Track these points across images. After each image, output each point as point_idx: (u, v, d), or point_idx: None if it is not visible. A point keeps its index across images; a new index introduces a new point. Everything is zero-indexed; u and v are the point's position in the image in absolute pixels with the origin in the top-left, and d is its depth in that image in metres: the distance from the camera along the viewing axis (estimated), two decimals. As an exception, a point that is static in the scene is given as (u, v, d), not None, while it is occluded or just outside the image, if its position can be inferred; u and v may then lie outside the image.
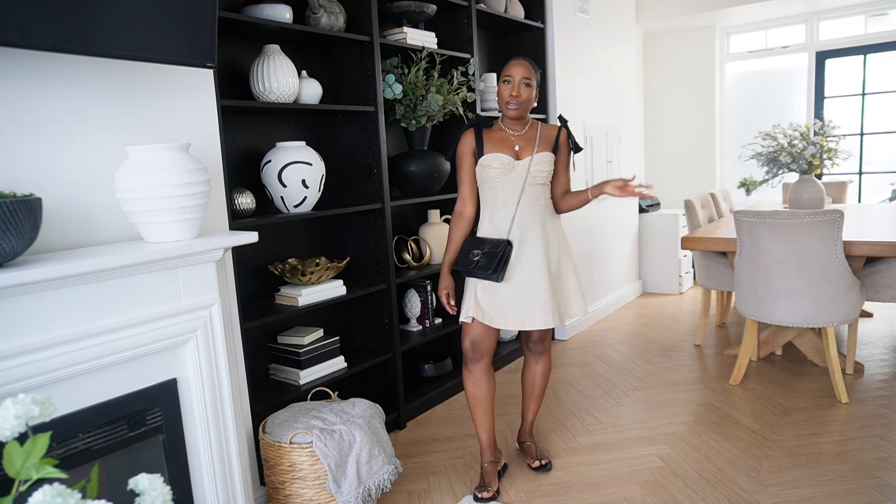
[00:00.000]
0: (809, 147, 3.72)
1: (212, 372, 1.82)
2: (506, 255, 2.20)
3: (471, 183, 2.35)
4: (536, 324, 2.27)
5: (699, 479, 2.42)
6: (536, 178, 2.29)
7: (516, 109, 2.25)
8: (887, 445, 2.59)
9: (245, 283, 2.57)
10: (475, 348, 2.35)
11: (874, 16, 5.31)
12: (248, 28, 2.40)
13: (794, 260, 2.96)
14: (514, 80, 2.22)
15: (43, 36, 1.46)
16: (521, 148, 2.30)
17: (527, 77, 2.23)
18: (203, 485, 1.83)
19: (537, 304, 2.26)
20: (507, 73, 2.24)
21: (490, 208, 2.33)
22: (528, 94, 2.25)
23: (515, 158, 2.28)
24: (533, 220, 2.29)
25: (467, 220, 2.37)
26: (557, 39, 4.13)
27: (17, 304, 1.39)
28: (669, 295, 5.49)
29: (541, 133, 2.34)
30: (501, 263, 2.20)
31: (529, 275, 2.26)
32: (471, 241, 2.32)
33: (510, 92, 2.23)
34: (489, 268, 2.20)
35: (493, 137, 2.30)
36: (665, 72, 6.01)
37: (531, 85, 2.25)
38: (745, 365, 3.37)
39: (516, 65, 2.25)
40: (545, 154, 2.30)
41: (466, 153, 2.32)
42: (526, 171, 2.26)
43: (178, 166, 1.64)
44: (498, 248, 2.20)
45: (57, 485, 0.74)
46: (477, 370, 2.38)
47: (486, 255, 2.21)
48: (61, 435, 1.50)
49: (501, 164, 2.25)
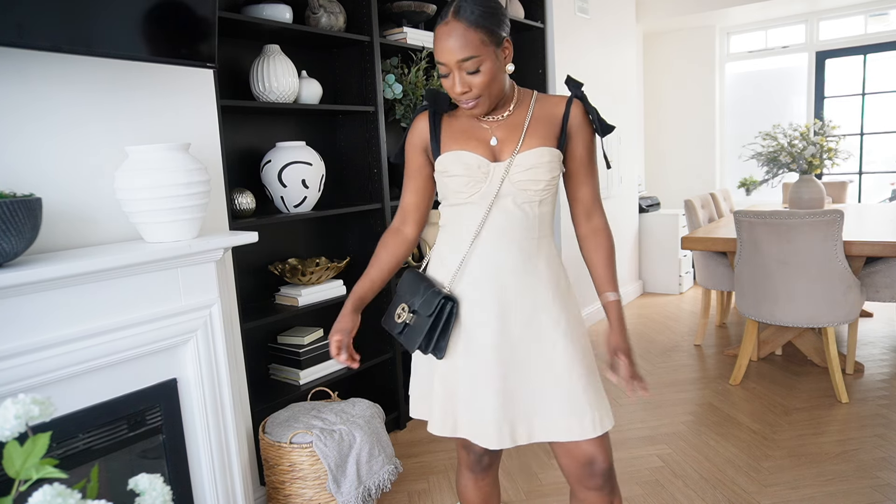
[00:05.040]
0: (809, 147, 3.72)
1: (212, 372, 1.82)
2: (443, 321, 1.36)
3: (417, 191, 1.50)
4: (479, 437, 1.39)
5: (699, 479, 2.42)
6: (524, 193, 1.37)
7: (475, 107, 1.34)
8: (887, 445, 2.59)
9: (245, 283, 2.57)
10: (469, 447, 1.58)
11: (874, 16, 5.30)
12: (248, 28, 2.40)
13: (794, 260, 2.96)
14: (451, 67, 1.29)
15: (43, 36, 1.47)
16: (502, 140, 1.38)
17: (467, 56, 1.26)
18: (203, 485, 1.83)
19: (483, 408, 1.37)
20: (437, 54, 1.30)
21: (449, 236, 1.46)
22: (482, 80, 1.29)
23: (491, 159, 1.38)
24: (507, 265, 1.37)
25: (405, 243, 1.51)
26: (557, 39, 4.13)
27: (17, 304, 1.39)
28: (669, 295, 5.49)
29: (535, 111, 1.41)
30: (431, 335, 1.37)
31: (483, 359, 1.37)
32: (409, 279, 1.46)
33: (451, 86, 1.32)
34: (415, 338, 1.38)
35: (456, 126, 1.42)
36: (665, 72, 6.01)
37: (481, 63, 1.27)
38: (745, 365, 3.37)
39: (444, 35, 1.27)
40: (540, 150, 1.35)
41: (414, 148, 1.47)
42: (501, 181, 1.36)
43: (178, 166, 1.64)
44: (428, 311, 1.36)
45: (57, 485, 0.74)
46: (473, 480, 1.64)
47: (416, 315, 1.40)
48: (61, 435, 1.50)
49: (466, 170, 1.36)
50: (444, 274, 1.43)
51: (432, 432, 1.43)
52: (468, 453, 1.60)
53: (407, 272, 1.47)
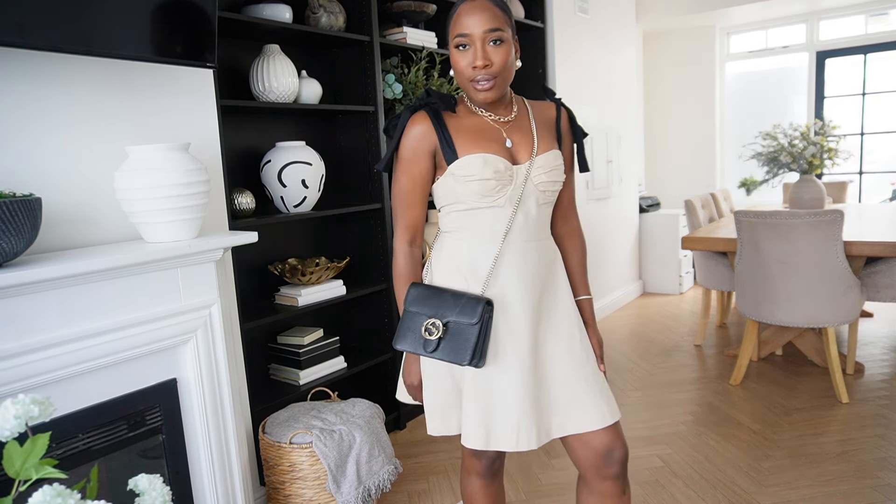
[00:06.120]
0: (809, 147, 3.72)
1: (211, 372, 1.82)
2: (485, 329, 1.31)
3: (422, 203, 1.42)
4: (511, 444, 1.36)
5: (699, 479, 2.42)
6: (544, 195, 1.39)
7: (490, 88, 1.31)
8: (887, 445, 2.59)
9: (245, 283, 2.57)
10: (480, 454, 1.56)
11: (874, 15, 5.31)
12: (248, 28, 2.40)
13: (794, 260, 2.96)
14: (475, 38, 1.28)
15: (42, 36, 1.47)
16: (516, 143, 1.38)
17: (494, 27, 1.28)
18: (203, 485, 1.83)
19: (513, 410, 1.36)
20: (460, 28, 1.29)
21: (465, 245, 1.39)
22: (503, 56, 1.29)
23: (511, 161, 1.36)
24: (532, 266, 1.39)
25: (418, 264, 1.45)
26: (557, 39, 4.13)
27: (17, 304, 1.39)
28: (670, 295, 5.48)
29: (534, 115, 1.43)
30: (479, 343, 1.30)
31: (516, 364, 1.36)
32: (421, 293, 1.37)
33: (471, 61, 1.29)
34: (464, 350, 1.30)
35: (466, 127, 1.37)
36: (665, 72, 6.01)
37: (504, 39, 1.29)
38: (745, 365, 3.36)
39: (471, 9, 1.28)
40: (554, 153, 1.39)
41: (419, 153, 1.37)
42: (524, 183, 1.36)
43: (177, 166, 1.64)
44: (474, 318, 1.30)
45: (57, 485, 0.74)
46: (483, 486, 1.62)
47: (452, 326, 1.32)
48: (61, 435, 1.50)
49: (496, 173, 1.32)
50: (469, 282, 1.38)
51: (467, 446, 1.39)
52: (479, 460, 1.57)
53: (414, 287, 1.38)
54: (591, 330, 1.50)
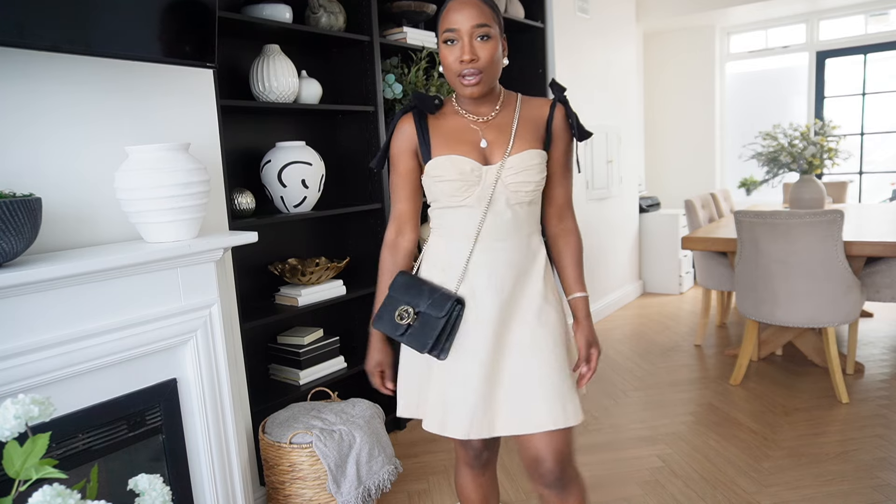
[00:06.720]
0: (810, 147, 3.72)
1: (211, 372, 1.82)
2: (452, 323, 1.39)
3: (410, 198, 1.50)
4: (453, 429, 1.40)
5: (699, 479, 2.42)
6: (516, 195, 1.40)
7: (476, 83, 1.34)
8: (887, 445, 2.59)
9: (245, 283, 2.57)
10: (466, 444, 1.58)
11: (874, 15, 5.31)
12: (248, 28, 2.40)
13: (794, 260, 2.96)
14: (462, 33, 1.32)
15: (43, 36, 1.47)
16: (492, 142, 1.40)
17: (481, 23, 1.32)
18: (203, 485, 1.83)
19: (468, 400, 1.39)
20: (448, 23, 1.33)
21: (443, 242, 1.47)
22: (490, 52, 1.33)
23: (483, 162, 1.39)
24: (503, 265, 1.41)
25: (405, 256, 1.53)
26: (557, 39, 4.13)
27: (17, 304, 1.39)
28: (669, 295, 5.48)
29: (521, 112, 1.43)
30: (443, 336, 1.38)
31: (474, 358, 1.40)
32: (404, 282, 1.45)
33: (459, 55, 1.33)
34: (425, 339, 1.38)
35: (444, 128, 1.42)
36: (665, 72, 6.01)
37: (492, 35, 1.33)
38: (745, 365, 3.37)
39: (460, 5, 1.33)
40: (530, 153, 1.39)
41: (403, 152, 1.46)
42: (494, 184, 1.38)
43: (177, 166, 1.64)
44: (441, 312, 1.37)
45: (57, 485, 0.74)
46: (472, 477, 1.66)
47: (422, 316, 1.39)
48: (61, 435, 1.50)
49: (461, 174, 1.37)
50: (445, 277, 1.44)
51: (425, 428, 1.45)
52: (466, 450, 1.61)
53: (399, 275, 1.47)
54: (582, 328, 1.50)
